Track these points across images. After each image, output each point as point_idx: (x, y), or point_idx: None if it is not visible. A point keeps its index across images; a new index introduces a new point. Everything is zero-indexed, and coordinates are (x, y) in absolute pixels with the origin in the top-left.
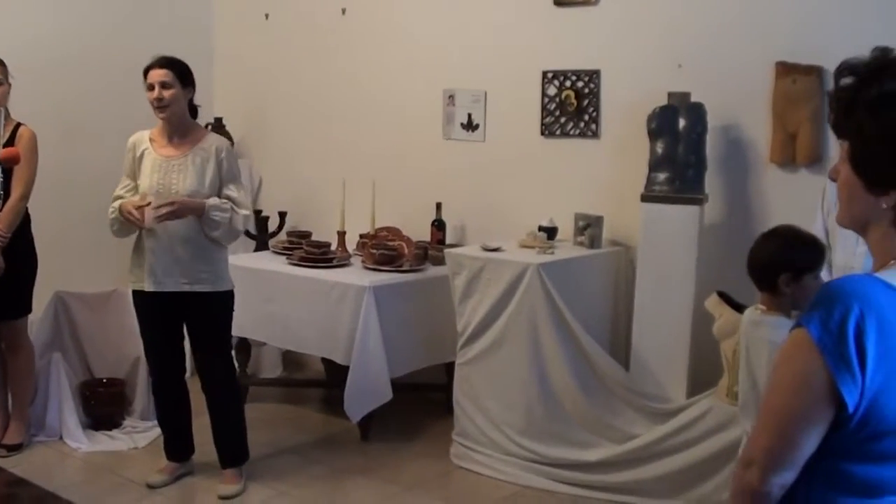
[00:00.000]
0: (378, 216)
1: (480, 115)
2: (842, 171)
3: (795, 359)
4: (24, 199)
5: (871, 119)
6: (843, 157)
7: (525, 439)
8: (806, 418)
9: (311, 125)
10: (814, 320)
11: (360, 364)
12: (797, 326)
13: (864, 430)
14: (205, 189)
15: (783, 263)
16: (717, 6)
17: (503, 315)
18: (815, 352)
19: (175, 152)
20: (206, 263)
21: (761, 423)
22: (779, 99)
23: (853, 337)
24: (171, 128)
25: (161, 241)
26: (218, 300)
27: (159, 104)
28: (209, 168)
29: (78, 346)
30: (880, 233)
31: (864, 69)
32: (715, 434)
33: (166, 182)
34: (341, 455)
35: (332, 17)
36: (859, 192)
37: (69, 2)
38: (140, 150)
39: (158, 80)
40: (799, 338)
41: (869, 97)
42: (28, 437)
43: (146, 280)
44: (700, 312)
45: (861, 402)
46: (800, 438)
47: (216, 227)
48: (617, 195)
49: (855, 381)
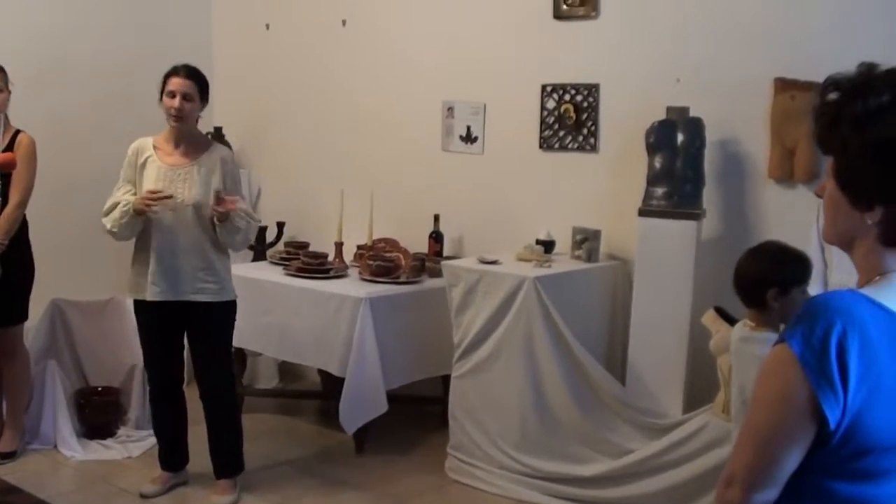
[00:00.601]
0: (376, 227)
1: (479, 127)
2: (827, 187)
3: (777, 375)
4: (22, 206)
5: (855, 135)
6: (829, 172)
7: (520, 453)
8: (787, 435)
9: (310, 136)
10: (796, 336)
11: (355, 375)
12: (779, 342)
13: (846, 448)
14: (211, 199)
15: (771, 279)
16: (717, 21)
17: (499, 328)
18: (797, 368)
19: (180, 161)
20: (210, 273)
21: (743, 439)
22: (777, 115)
23: (835, 353)
24: (178, 137)
25: (165, 250)
26: (221, 310)
27: (178, 114)
28: (215, 178)
29: (73, 354)
30: (865, 249)
31: (848, 84)
32: (711, 450)
33: (171, 191)
34: (336, 467)
35: (332, 29)
36: (844, 207)
37: (67, 9)
38: (143, 158)
39: (182, 91)
40: (781, 354)
41: (853, 113)
42: (22, 444)
43: (149, 289)
44: (697, 328)
45: (843, 419)
46: (781, 455)
47: (237, 232)
48: (615, 209)
49: (837, 397)
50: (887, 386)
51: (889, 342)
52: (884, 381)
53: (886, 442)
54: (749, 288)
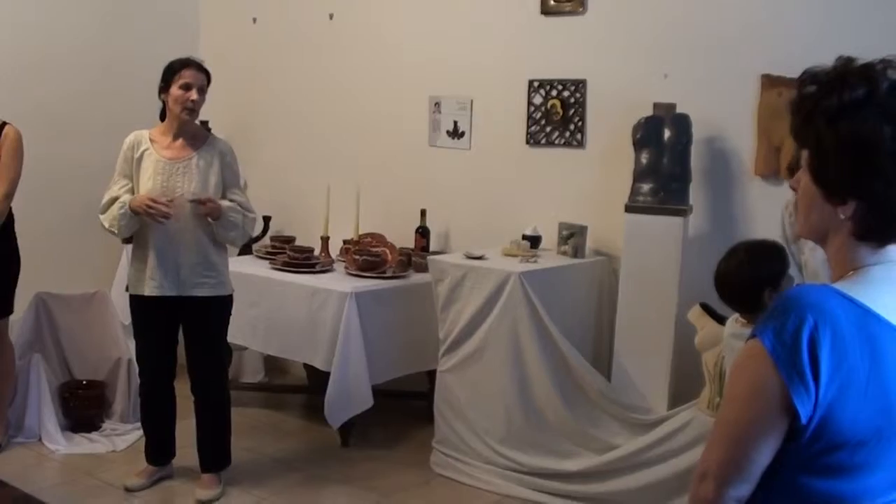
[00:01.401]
0: (362, 222)
1: (466, 122)
2: (802, 181)
3: (749, 369)
4: (8, 199)
5: (829, 129)
6: (804, 166)
7: (505, 448)
8: (759, 429)
9: (296, 130)
10: (767, 331)
11: (341, 370)
12: (751, 338)
13: (818, 443)
14: (210, 192)
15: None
16: (704, 17)
17: (485, 323)
18: (769, 362)
19: (179, 154)
20: (209, 267)
21: (715, 434)
22: (764, 111)
23: (807, 348)
24: (178, 129)
25: (164, 246)
26: (219, 304)
27: (192, 106)
28: (214, 171)
29: (58, 347)
30: (839, 243)
31: (824, 78)
32: (696, 445)
33: (170, 185)
34: (321, 462)
35: (319, 23)
36: (818, 201)
37: (55, 3)
38: (140, 151)
39: (198, 84)
40: (753, 349)
41: (827, 107)
42: (6, 438)
43: (148, 285)
44: (682, 324)
45: (815, 414)
46: (753, 450)
47: (233, 228)
48: (601, 205)
49: (808, 391)
50: (858, 380)
51: (860, 337)
52: (855, 375)
53: (858, 436)
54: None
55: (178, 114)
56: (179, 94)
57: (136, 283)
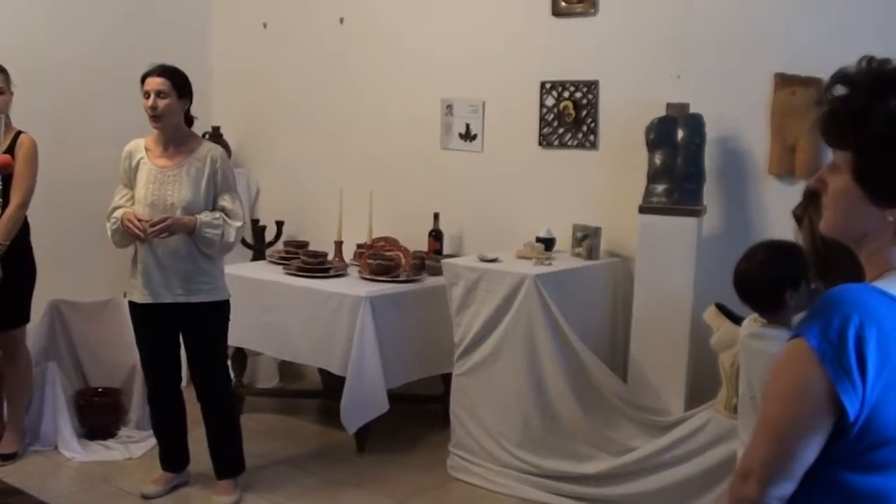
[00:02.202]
0: (375, 226)
1: (478, 125)
2: (835, 182)
3: (794, 368)
4: (24, 207)
5: (890, 133)
6: (839, 166)
7: (522, 451)
8: (805, 428)
9: (308, 134)
10: (812, 330)
11: (356, 375)
12: (795, 337)
13: (864, 440)
14: (200, 200)
15: (787, 279)
16: (716, 17)
17: (500, 326)
18: (815, 361)
19: (170, 163)
20: (202, 274)
21: (759, 434)
22: (778, 110)
23: (853, 346)
24: (166, 137)
25: (157, 253)
26: (215, 310)
27: (153, 113)
28: (204, 178)
29: (73, 355)
30: (878, 244)
31: (864, 79)
32: (713, 447)
33: (161, 193)
34: (337, 466)
35: (330, 27)
36: (860, 204)
37: (65, 9)
38: (136, 160)
39: (154, 89)
40: (797, 348)
41: (886, 111)
42: (23, 446)
43: (142, 292)
44: (698, 324)
45: (862, 411)
46: (799, 449)
47: (209, 245)
48: (615, 206)
49: (855, 389)
50: None
51: None
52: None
53: None
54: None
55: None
56: (144, 104)
57: (131, 290)
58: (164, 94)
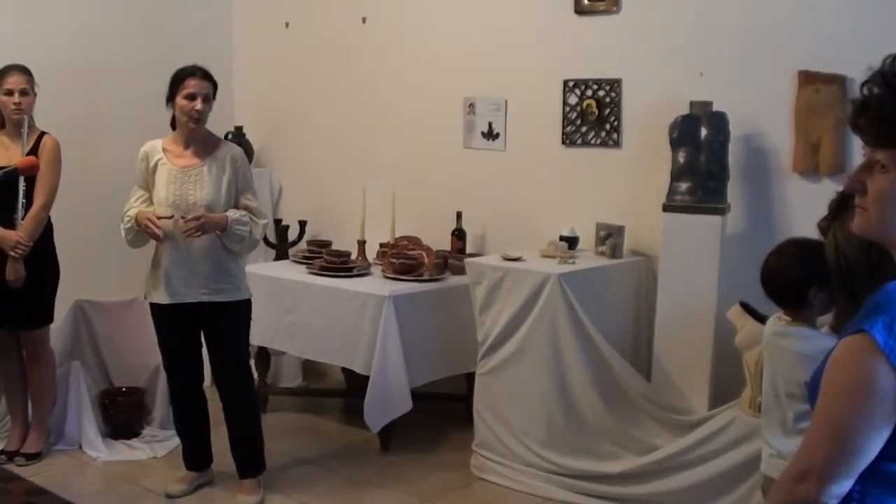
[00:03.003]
0: (398, 225)
1: (501, 123)
2: (878, 181)
3: (857, 364)
4: (47, 209)
5: None
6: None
7: (546, 450)
8: (872, 424)
9: (331, 134)
10: (877, 325)
11: (379, 374)
12: (856, 332)
13: None
14: (222, 199)
15: (812, 277)
16: (739, 14)
17: (524, 325)
18: (881, 355)
19: (190, 162)
20: (224, 273)
21: (818, 432)
22: (801, 108)
23: None
24: (189, 138)
25: (179, 253)
26: (236, 309)
27: (199, 116)
28: (225, 177)
29: (97, 354)
30: None
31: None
32: (737, 446)
33: (183, 193)
34: (361, 465)
35: (352, 26)
36: None
37: (88, 10)
38: (154, 161)
39: (202, 93)
40: (860, 343)
41: None
42: (47, 446)
43: (163, 292)
44: (722, 323)
45: None
46: (864, 445)
47: (239, 241)
48: (638, 205)
49: None
50: None
51: None
52: None
53: None
54: (789, 290)
55: (185, 123)
56: (184, 105)
57: (151, 291)
58: (208, 98)
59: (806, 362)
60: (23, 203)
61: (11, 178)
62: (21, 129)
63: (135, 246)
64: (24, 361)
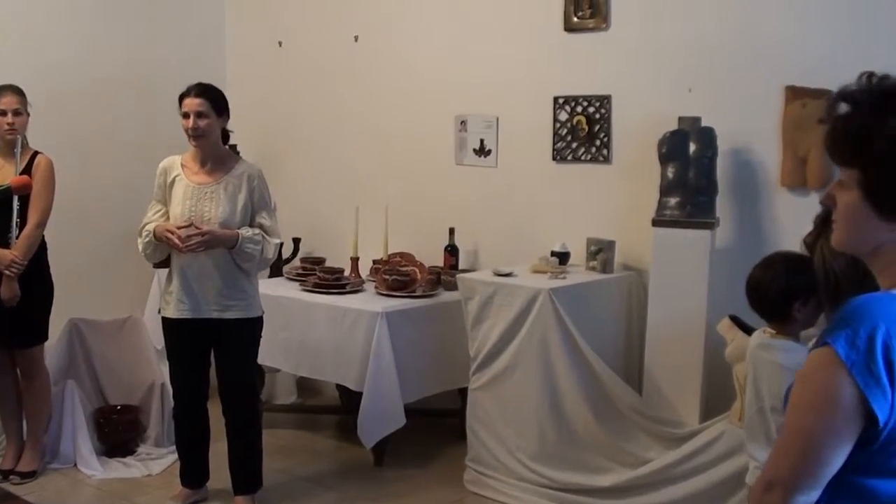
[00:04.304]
0: (391, 242)
1: (493, 140)
2: (843, 198)
3: (821, 377)
4: (41, 227)
5: (894, 150)
6: (845, 183)
7: (538, 464)
8: (835, 435)
9: (324, 151)
10: (840, 339)
11: (373, 390)
12: (822, 346)
13: (891, 446)
14: (237, 217)
15: (797, 291)
16: (727, 31)
17: (515, 340)
18: (843, 369)
19: (207, 179)
20: (238, 290)
21: (785, 443)
22: (789, 123)
23: (881, 353)
24: (205, 155)
25: (193, 268)
26: (249, 326)
27: (194, 133)
28: (241, 195)
29: (92, 372)
30: (891, 257)
31: (865, 97)
32: (728, 458)
33: (198, 209)
34: (355, 482)
35: (344, 45)
36: (870, 219)
37: (81, 30)
38: (172, 176)
39: (194, 110)
40: (825, 356)
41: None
42: (42, 464)
43: (177, 307)
44: (712, 336)
45: (891, 417)
46: (827, 457)
47: (249, 259)
48: (629, 220)
49: (885, 396)
50: None
51: None
52: None
53: None
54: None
55: (189, 141)
56: (183, 123)
57: (165, 305)
58: (203, 114)
59: (788, 375)
60: (17, 222)
61: (5, 198)
62: (14, 149)
63: (152, 260)
64: (19, 380)
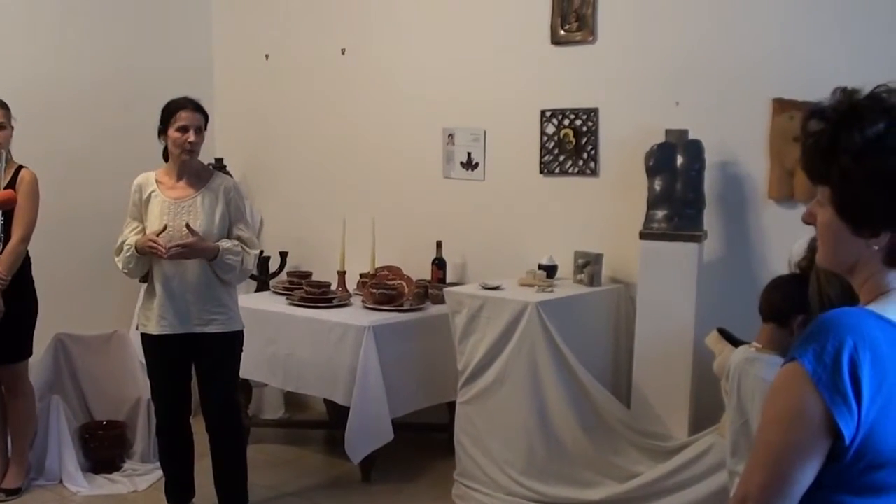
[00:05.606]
0: (378, 255)
1: (480, 153)
2: (820, 215)
3: (789, 392)
4: (25, 242)
5: (857, 166)
6: (821, 200)
7: (527, 479)
8: (802, 452)
9: (311, 165)
10: (807, 354)
11: (360, 404)
12: (790, 361)
13: (860, 462)
14: (215, 230)
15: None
16: (714, 44)
17: (503, 354)
18: (810, 384)
19: (184, 193)
20: (218, 305)
21: (755, 459)
22: (776, 135)
23: (848, 369)
24: (182, 169)
25: (173, 284)
26: (229, 340)
27: (191, 147)
28: (219, 208)
29: (78, 388)
30: (869, 272)
31: (833, 114)
32: (717, 471)
33: (177, 224)
34: (343, 497)
35: (331, 58)
36: (845, 235)
37: (66, 43)
38: (147, 192)
39: (195, 125)
40: (792, 371)
41: (852, 144)
42: (27, 480)
43: (158, 323)
44: (701, 349)
45: (857, 434)
46: (796, 473)
47: (230, 271)
48: (616, 233)
49: (851, 412)
50: None
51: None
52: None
53: None
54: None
55: (178, 155)
56: (177, 137)
57: (146, 322)
58: (201, 129)
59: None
60: (1, 237)
61: None
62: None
63: (134, 276)
64: (4, 396)
